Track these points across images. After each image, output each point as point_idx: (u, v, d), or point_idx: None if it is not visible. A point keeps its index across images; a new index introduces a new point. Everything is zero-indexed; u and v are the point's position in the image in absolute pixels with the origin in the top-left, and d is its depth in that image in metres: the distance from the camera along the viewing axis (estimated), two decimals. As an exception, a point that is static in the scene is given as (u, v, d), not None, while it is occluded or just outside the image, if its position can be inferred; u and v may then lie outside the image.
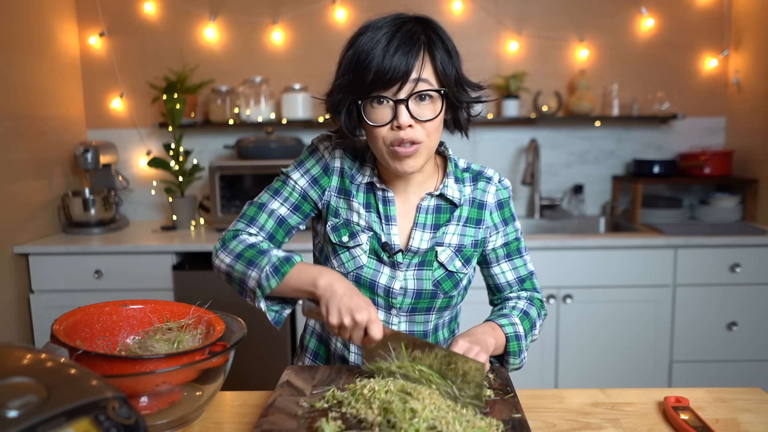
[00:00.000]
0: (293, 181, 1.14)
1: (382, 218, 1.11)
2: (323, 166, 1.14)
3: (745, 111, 2.73)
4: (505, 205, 1.17)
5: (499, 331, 1.07)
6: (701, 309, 2.39)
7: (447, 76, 1.01)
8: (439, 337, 1.18)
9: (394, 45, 0.97)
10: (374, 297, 1.11)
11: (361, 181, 1.12)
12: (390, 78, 0.97)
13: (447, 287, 1.11)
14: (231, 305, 1.20)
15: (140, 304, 1.06)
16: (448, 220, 1.13)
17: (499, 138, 2.91)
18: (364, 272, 1.10)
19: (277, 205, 1.13)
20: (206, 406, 0.98)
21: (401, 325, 1.13)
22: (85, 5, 2.81)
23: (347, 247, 1.11)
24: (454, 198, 1.12)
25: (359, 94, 1.01)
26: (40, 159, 2.51)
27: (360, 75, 0.99)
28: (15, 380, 0.59)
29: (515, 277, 1.19)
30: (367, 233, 1.11)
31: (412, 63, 0.97)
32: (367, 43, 0.98)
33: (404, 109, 0.99)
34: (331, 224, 1.13)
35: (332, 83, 1.06)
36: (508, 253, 1.18)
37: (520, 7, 2.82)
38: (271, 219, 1.12)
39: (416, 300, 1.11)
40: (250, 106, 2.74)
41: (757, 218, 2.65)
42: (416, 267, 1.11)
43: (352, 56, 1.00)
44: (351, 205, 1.12)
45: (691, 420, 0.91)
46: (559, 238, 2.36)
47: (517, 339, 1.09)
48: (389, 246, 1.10)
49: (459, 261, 1.12)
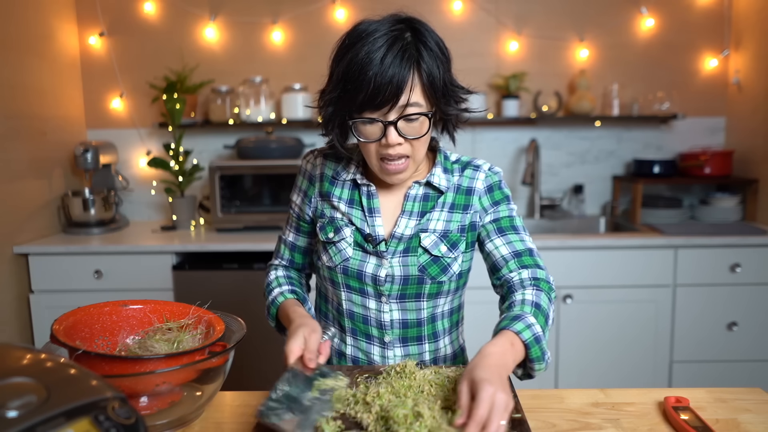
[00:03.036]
0: (294, 205, 1.25)
1: (366, 211, 1.15)
2: (308, 177, 1.23)
3: (745, 111, 2.73)
4: (495, 188, 1.17)
5: (517, 343, 0.96)
6: (701, 309, 2.39)
7: (436, 92, 1.04)
8: (437, 327, 1.19)
9: (385, 65, 0.98)
10: (363, 286, 1.14)
11: (346, 178, 1.17)
12: (380, 101, 1.00)
13: (433, 272, 1.12)
14: (231, 305, 1.20)
15: (140, 304, 1.06)
16: (434, 206, 1.15)
17: (499, 138, 2.91)
18: (351, 263, 1.14)
19: (288, 233, 1.28)
20: (206, 406, 0.98)
21: (393, 313, 1.15)
22: (85, 5, 2.81)
23: (333, 242, 1.16)
24: (440, 185, 1.14)
25: (350, 113, 1.05)
26: (40, 159, 2.51)
27: (351, 95, 1.02)
28: (15, 380, 0.59)
29: (510, 251, 1.12)
30: (350, 227, 1.15)
31: (402, 87, 0.99)
32: (358, 60, 0.99)
33: (393, 129, 1.03)
34: (319, 225, 1.19)
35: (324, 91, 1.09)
36: (499, 228, 1.15)
37: (520, 7, 2.82)
38: (286, 248, 1.28)
39: (404, 286, 1.13)
40: (250, 106, 2.74)
41: (757, 218, 2.65)
42: (401, 254, 1.13)
43: (345, 70, 1.02)
44: (333, 203, 1.18)
45: (691, 420, 0.91)
46: (559, 238, 2.36)
47: (537, 342, 0.97)
48: (372, 237, 1.13)
49: (444, 246, 1.13)
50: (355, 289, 1.15)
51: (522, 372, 1.01)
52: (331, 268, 1.15)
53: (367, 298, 1.15)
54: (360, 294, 1.15)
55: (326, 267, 1.17)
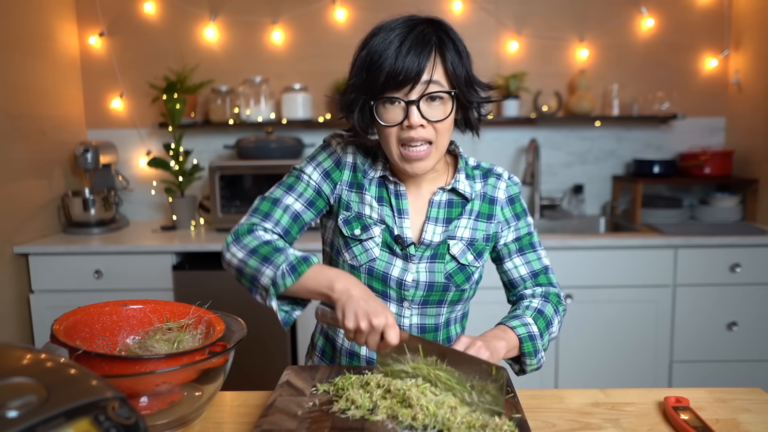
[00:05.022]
0: (307, 176, 1.14)
1: (395, 211, 1.12)
2: (335, 160, 1.15)
3: (745, 111, 2.73)
4: (516, 200, 1.19)
5: (510, 333, 1.05)
6: (701, 309, 2.39)
7: (458, 77, 1.03)
8: (451, 332, 1.19)
9: (406, 46, 0.99)
10: (386, 289, 1.12)
11: (374, 176, 1.14)
12: (402, 79, 0.99)
13: (459, 280, 1.12)
14: (231, 305, 1.20)
15: (140, 304, 1.06)
16: (460, 214, 1.14)
17: (499, 138, 2.91)
18: (377, 265, 1.11)
19: (292, 201, 1.12)
20: (206, 406, 0.98)
21: (413, 318, 1.14)
22: (85, 5, 2.81)
23: (360, 240, 1.12)
24: (465, 192, 1.14)
25: (372, 95, 1.03)
26: (40, 159, 2.51)
27: (372, 75, 1.01)
28: (15, 380, 0.59)
29: (528, 271, 1.18)
30: (380, 226, 1.12)
31: (423, 64, 0.99)
32: (379, 44, 1.00)
33: (415, 109, 1.01)
34: (342, 218, 1.14)
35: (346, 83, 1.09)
36: (520, 247, 1.18)
37: (520, 7, 2.82)
38: (286, 214, 1.11)
39: (428, 292, 1.12)
40: (250, 106, 2.74)
41: (757, 218, 2.65)
42: (428, 260, 1.12)
43: (365, 57, 1.02)
44: (363, 198, 1.13)
45: (691, 420, 0.91)
46: (559, 238, 2.36)
47: (531, 339, 1.06)
48: (402, 239, 1.11)
49: (471, 254, 1.13)
50: (377, 291, 1.12)
51: (518, 368, 1.11)
52: (355, 267, 1.12)
53: (389, 302, 1.13)
54: (381, 296, 1.12)
55: (348, 265, 1.13)
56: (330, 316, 0.99)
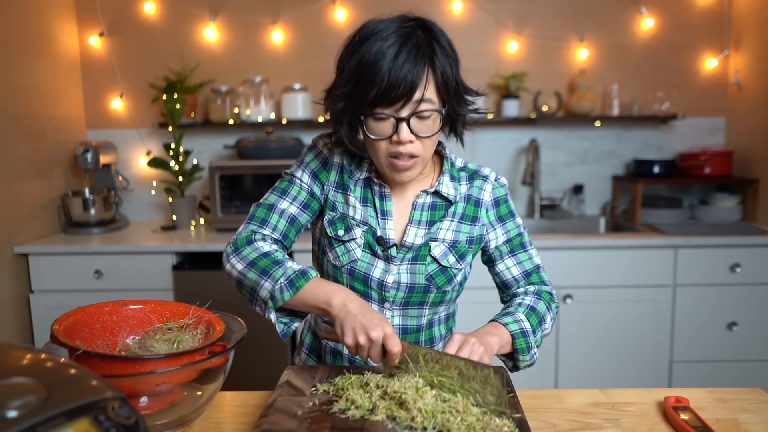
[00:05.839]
0: (299, 180, 1.15)
1: (378, 212, 1.13)
2: (322, 160, 1.16)
3: (745, 111, 2.73)
4: (501, 202, 1.19)
5: (502, 330, 1.07)
6: (701, 309, 2.39)
7: (448, 90, 1.03)
8: (434, 333, 1.19)
9: (400, 60, 0.97)
10: (368, 290, 1.13)
11: (360, 177, 1.14)
12: (394, 96, 0.98)
13: (440, 282, 1.13)
14: (231, 305, 1.20)
15: (140, 304, 1.06)
16: (443, 216, 1.14)
17: (499, 138, 2.91)
18: (358, 266, 1.12)
19: (287, 205, 1.13)
20: (206, 406, 0.98)
21: (394, 319, 1.15)
22: (85, 5, 2.81)
23: (342, 240, 1.13)
24: (449, 195, 1.14)
25: (361, 108, 1.02)
26: (40, 159, 2.51)
27: (363, 88, 1.00)
28: (15, 380, 0.59)
29: (521, 271, 1.19)
30: (362, 227, 1.12)
31: (416, 82, 0.98)
32: (372, 54, 0.98)
33: (405, 126, 1.01)
34: (328, 218, 1.15)
35: (332, 87, 1.07)
36: (511, 249, 1.18)
37: (520, 7, 2.82)
38: (282, 219, 1.12)
39: (409, 294, 1.12)
40: (250, 106, 2.74)
41: (757, 218, 2.65)
42: (410, 261, 1.12)
43: (357, 67, 1.00)
44: (348, 199, 1.14)
45: (691, 420, 0.91)
46: (559, 238, 2.36)
47: (523, 335, 1.08)
48: (384, 240, 1.11)
49: (453, 256, 1.13)
50: (358, 292, 1.13)
51: (512, 365, 1.12)
52: (338, 267, 1.13)
53: (370, 302, 1.14)
54: (363, 297, 1.13)
55: (332, 264, 1.14)
56: (333, 333, 1.01)
